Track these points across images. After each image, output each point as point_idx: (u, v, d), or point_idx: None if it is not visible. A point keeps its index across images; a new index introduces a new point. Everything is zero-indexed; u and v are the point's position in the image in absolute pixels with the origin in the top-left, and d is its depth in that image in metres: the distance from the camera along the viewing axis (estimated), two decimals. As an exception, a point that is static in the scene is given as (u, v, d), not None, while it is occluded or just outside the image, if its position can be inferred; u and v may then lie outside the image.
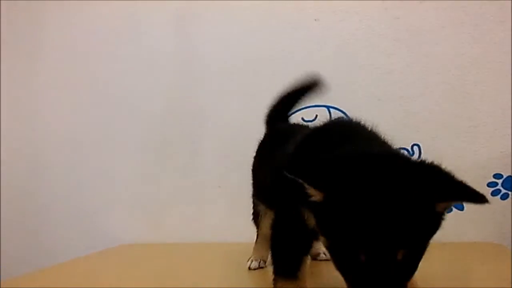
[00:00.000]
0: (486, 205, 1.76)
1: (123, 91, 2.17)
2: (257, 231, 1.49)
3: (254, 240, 1.51)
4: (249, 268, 1.45)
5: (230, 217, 1.99)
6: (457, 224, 1.75)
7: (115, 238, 2.10)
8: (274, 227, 1.08)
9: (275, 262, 1.04)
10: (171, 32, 2.11)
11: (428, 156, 1.71)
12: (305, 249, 1.02)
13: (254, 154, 1.44)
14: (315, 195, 0.78)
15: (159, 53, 2.12)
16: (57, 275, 1.55)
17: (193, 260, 1.72)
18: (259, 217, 1.44)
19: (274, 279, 1.04)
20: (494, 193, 1.72)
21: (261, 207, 1.41)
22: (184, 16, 2.09)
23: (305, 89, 1.44)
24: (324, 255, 1.50)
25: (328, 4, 1.91)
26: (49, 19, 2.25)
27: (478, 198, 0.76)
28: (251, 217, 1.50)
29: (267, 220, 1.41)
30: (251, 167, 1.46)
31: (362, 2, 1.85)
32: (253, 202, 1.48)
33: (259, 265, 1.45)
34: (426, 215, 0.75)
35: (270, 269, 1.43)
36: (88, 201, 2.19)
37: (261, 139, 1.45)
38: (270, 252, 1.09)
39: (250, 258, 1.47)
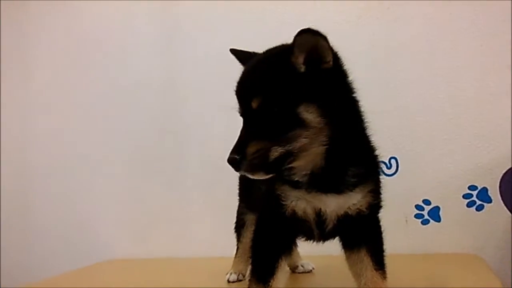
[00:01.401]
0: (462, 216, 1.80)
1: (110, 108, 2.18)
2: (237, 244, 1.50)
3: (235, 254, 1.51)
4: (228, 281, 1.45)
5: (215, 232, 1.99)
6: (433, 236, 1.78)
7: (101, 253, 2.09)
8: (257, 226, 1.07)
9: (252, 264, 1.04)
10: (157, 49, 2.13)
11: (405, 168, 1.78)
12: (285, 249, 1.02)
13: None
14: None
15: (145, 70, 2.14)
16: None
17: (176, 275, 1.72)
18: (243, 228, 1.44)
19: (249, 280, 1.03)
20: (469, 205, 1.75)
21: (248, 217, 1.41)
22: (170, 35, 2.12)
23: None
24: (302, 267, 1.51)
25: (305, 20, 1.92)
26: (40, 24, 2.27)
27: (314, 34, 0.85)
28: (234, 226, 1.50)
29: (250, 231, 1.41)
30: (240, 176, 1.45)
31: (338, 16, 1.88)
32: (239, 211, 1.48)
33: (237, 278, 1.46)
34: (282, 69, 0.88)
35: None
36: (75, 217, 2.19)
37: None
38: (250, 254, 1.07)
39: (229, 271, 1.48)
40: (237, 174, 1.46)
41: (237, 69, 1.95)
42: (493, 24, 1.75)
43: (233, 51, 1.09)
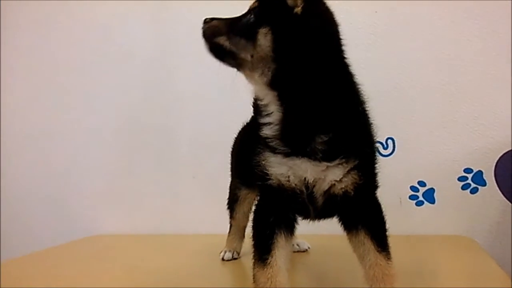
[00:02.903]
0: (456, 199, 1.82)
1: (98, 81, 2.12)
2: (230, 222, 1.48)
3: (227, 232, 1.51)
4: (223, 259, 1.45)
5: (204, 209, 1.97)
6: (427, 218, 1.79)
7: (87, 228, 2.06)
8: (257, 206, 1.05)
9: (253, 244, 1.01)
10: (147, 23, 2.07)
11: (402, 149, 1.78)
12: (281, 224, 0.99)
13: (238, 137, 1.42)
14: None
15: (135, 43, 2.08)
16: (28, 265, 1.52)
17: (166, 252, 1.70)
18: (236, 202, 1.42)
19: (253, 264, 1.00)
20: (464, 187, 1.76)
21: (242, 192, 1.40)
22: (161, 6, 2.05)
23: None
24: (297, 247, 1.51)
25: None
26: (17, 12, 2.19)
27: None
28: (227, 202, 1.48)
29: (244, 206, 1.41)
30: (234, 151, 1.44)
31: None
32: (232, 186, 1.46)
33: (232, 256, 1.45)
34: None
35: (243, 260, 1.45)
36: (60, 191, 2.15)
37: (248, 121, 1.44)
38: (251, 235, 1.04)
39: (223, 249, 1.47)
40: (227, 151, 1.48)
41: None
42: (495, 8, 1.73)
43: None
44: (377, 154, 1.04)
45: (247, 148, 1.26)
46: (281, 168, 0.95)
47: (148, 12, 2.07)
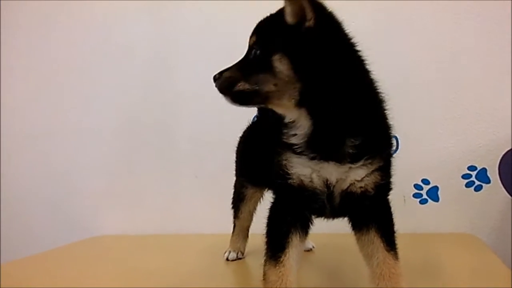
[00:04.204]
0: (460, 196, 1.81)
1: (98, 80, 2.12)
2: (234, 221, 1.48)
3: (231, 232, 1.50)
4: (227, 259, 1.44)
5: (206, 208, 1.97)
6: (432, 216, 1.79)
7: (88, 229, 2.06)
8: (272, 203, 1.04)
9: (267, 242, 1.01)
10: (147, 22, 2.07)
11: (405, 147, 1.78)
12: (297, 223, 0.99)
13: (245, 135, 1.41)
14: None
15: (134, 41, 2.08)
16: (29, 267, 1.52)
17: (169, 252, 1.69)
18: (242, 201, 1.41)
19: (264, 261, 1.00)
20: (468, 185, 1.75)
21: (248, 191, 1.39)
22: (160, 8, 2.05)
23: None
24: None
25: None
26: (17, 12, 2.19)
27: None
28: (232, 201, 1.47)
29: (250, 205, 1.41)
30: (240, 150, 1.43)
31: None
32: (238, 185, 1.45)
33: (237, 256, 1.45)
34: (276, 23, 0.93)
35: (248, 260, 1.45)
36: (60, 192, 2.15)
37: (253, 120, 1.42)
38: (265, 232, 1.04)
39: (227, 249, 1.47)
40: (229, 149, 1.47)
41: (231, 38, 1.95)
42: (497, 6, 1.72)
43: None
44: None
45: (257, 147, 1.26)
46: (304, 170, 0.95)
47: (147, 12, 2.07)
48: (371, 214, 0.99)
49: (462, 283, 1.16)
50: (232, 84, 0.97)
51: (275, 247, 0.97)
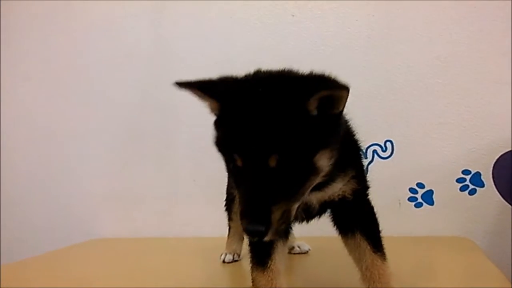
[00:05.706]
0: (455, 200, 1.82)
1: (97, 83, 2.13)
2: (229, 224, 1.48)
3: (227, 234, 1.51)
4: (223, 262, 1.45)
5: (204, 211, 1.98)
6: (426, 219, 1.80)
7: (87, 231, 2.07)
8: None
9: (251, 250, 1.01)
10: (146, 24, 2.08)
11: (400, 151, 1.80)
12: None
13: None
14: (213, 108, 0.86)
15: (134, 46, 2.09)
16: (28, 269, 1.53)
17: (166, 255, 1.71)
18: (233, 202, 1.40)
19: (251, 268, 1.01)
20: (462, 189, 1.77)
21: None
22: (159, 10, 2.06)
23: None
24: (298, 248, 1.52)
25: (304, 3, 1.91)
26: (17, 12, 2.19)
27: (339, 86, 0.75)
28: (224, 203, 1.47)
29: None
30: None
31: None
32: (228, 187, 1.44)
33: (233, 259, 1.46)
34: (297, 117, 0.75)
35: (244, 262, 1.45)
36: (60, 194, 2.15)
37: None
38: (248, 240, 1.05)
39: (223, 252, 1.48)
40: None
41: (229, 45, 1.96)
42: (493, 9, 1.74)
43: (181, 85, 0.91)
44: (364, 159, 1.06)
45: None
46: None
47: (147, 12, 2.07)
48: (354, 217, 1.00)
49: (455, 286, 1.17)
50: (289, 216, 0.79)
51: (260, 253, 0.98)
